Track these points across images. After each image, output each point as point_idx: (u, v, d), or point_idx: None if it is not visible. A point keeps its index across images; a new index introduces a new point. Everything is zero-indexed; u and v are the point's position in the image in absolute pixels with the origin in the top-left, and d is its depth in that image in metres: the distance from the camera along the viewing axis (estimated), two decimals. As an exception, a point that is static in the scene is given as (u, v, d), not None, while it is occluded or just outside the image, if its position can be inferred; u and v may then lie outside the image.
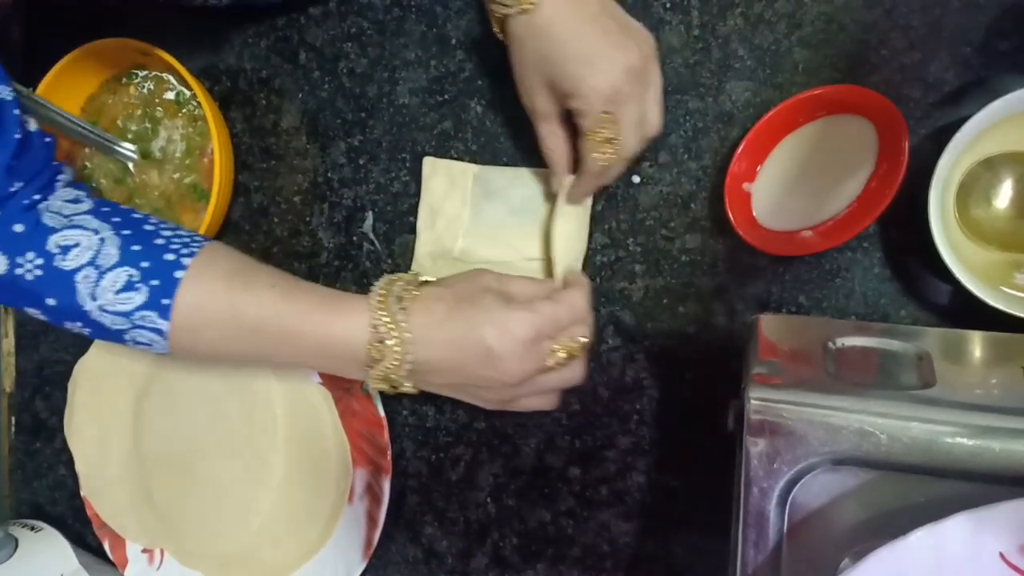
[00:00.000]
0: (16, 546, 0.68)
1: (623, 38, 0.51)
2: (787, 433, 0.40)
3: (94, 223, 0.50)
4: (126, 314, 0.49)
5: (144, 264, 0.49)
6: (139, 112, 0.69)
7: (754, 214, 0.57)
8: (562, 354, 0.53)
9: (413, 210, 0.65)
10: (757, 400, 0.41)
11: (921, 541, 0.35)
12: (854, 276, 0.56)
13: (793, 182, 0.56)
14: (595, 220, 0.61)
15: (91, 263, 0.49)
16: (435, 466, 0.66)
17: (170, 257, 0.50)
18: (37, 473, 0.78)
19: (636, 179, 0.60)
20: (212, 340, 0.51)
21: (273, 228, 0.69)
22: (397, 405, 0.66)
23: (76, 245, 0.49)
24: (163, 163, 0.69)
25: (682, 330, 0.60)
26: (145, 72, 0.69)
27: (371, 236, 0.67)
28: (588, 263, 0.62)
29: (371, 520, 0.64)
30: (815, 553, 0.40)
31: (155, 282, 0.49)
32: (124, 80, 0.70)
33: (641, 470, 0.61)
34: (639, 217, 0.60)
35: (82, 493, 0.72)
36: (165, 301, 0.49)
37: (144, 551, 0.71)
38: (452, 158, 0.64)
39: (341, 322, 0.51)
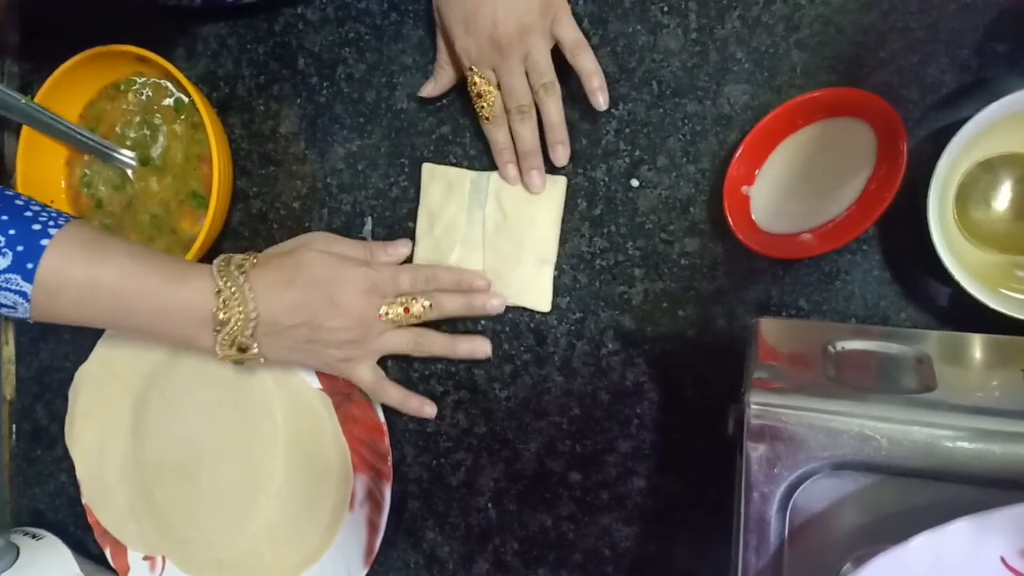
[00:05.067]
0: (17, 554, 0.68)
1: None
2: (787, 438, 0.40)
3: None
4: None
5: (11, 232, 0.53)
6: (138, 119, 0.69)
7: (753, 217, 0.57)
8: (394, 311, 0.59)
9: (412, 215, 0.65)
10: (757, 405, 0.41)
11: (922, 546, 0.35)
12: (854, 279, 0.56)
13: (792, 185, 0.56)
14: (594, 224, 0.61)
15: None
16: (436, 472, 0.66)
17: (37, 227, 0.53)
18: (38, 480, 0.78)
19: (635, 183, 0.60)
20: (70, 303, 0.54)
21: (272, 234, 0.69)
22: (398, 411, 0.66)
23: None
24: (162, 170, 0.69)
25: (682, 334, 0.60)
26: (144, 79, 0.69)
27: (370, 241, 0.67)
28: (588, 267, 0.62)
29: (372, 526, 0.64)
30: (816, 558, 0.40)
31: (20, 248, 0.52)
32: (122, 87, 0.70)
33: (642, 474, 0.61)
34: (638, 221, 0.60)
35: (83, 500, 0.72)
36: (29, 265, 0.52)
37: (145, 558, 0.71)
38: (450, 163, 0.64)
39: (188, 287, 0.56)
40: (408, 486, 0.66)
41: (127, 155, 0.69)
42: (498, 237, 0.63)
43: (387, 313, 0.59)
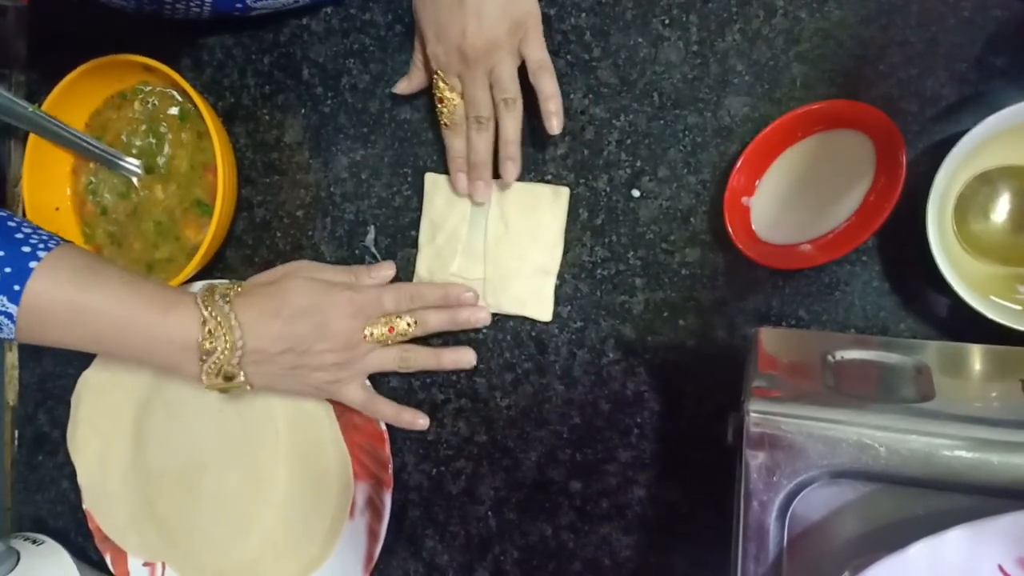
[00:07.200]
0: (18, 560, 0.68)
1: (474, 13, 0.55)
2: (786, 446, 0.40)
3: None
4: None
5: (0, 253, 0.53)
6: (143, 127, 0.70)
7: (753, 228, 0.58)
8: (378, 331, 0.60)
9: (414, 224, 0.66)
10: (756, 413, 0.41)
11: (920, 554, 0.35)
12: (853, 290, 0.56)
13: (792, 196, 0.57)
14: (595, 234, 0.62)
15: None
16: (436, 480, 0.66)
17: (26, 249, 0.54)
18: (39, 486, 0.78)
19: (636, 193, 0.61)
20: (55, 327, 0.55)
21: (276, 242, 0.70)
22: (398, 419, 0.66)
23: None
24: (167, 178, 0.70)
25: (682, 343, 0.60)
26: (149, 88, 0.70)
27: (373, 250, 0.67)
28: (589, 276, 0.62)
29: (372, 534, 0.64)
30: (815, 566, 0.40)
31: (8, 269, 0.52)
32: (128, 96, 0.70)
33: (642, 483, 0.61)
34: (639, 231, 0.61)
35: (84, 506, 0.72)
36: (16, 287, 0.52)
37: (145, 565, 0.71)
38: (453, 173, 0.65)
39: (173, 318, 0.56)
40: (408, 494, 0.67)
41: (132, 163, 0.70)
42: (500, 247, 0.63)
43: (371, 333, 0.60)
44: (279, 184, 0.70)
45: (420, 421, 0.64)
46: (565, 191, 0.62)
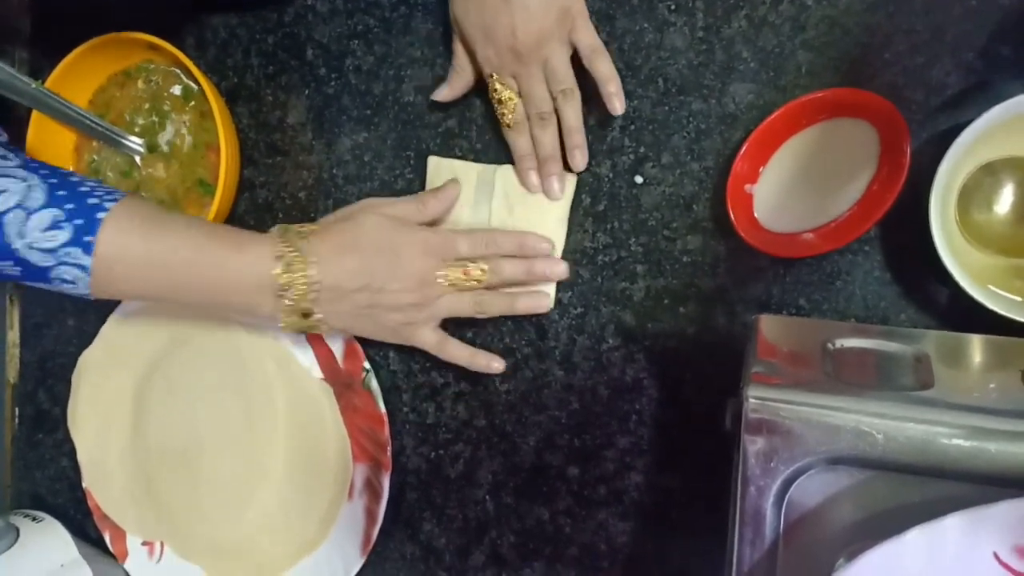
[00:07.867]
0: (17, 536, 0.68)
1: (521, 9, 0.55)
2: (784, 432, 0.40)
3: (22, 173, 0.53)
4: (52, 251, 0.52)
5: (69, 206, 0.52)
6: (147, 106, 0.70)
7: (756, 215, 0.58)
8: (454, 274, 0.59)
9: (417, 207, 0.66)
10: (755, 399, 0.41)
11: (916, 540, 0.35)
12: (855, 279, 0.56)
13: (795, 184, 0.57)
14: (597, 220, 0.62)
15: (19, 205, 0.52)
16: (434, 463, 0.66)
17: (93, 201, 0.53)
18: (39, 464, 0.78)
19: (639, 179, 0.61)
20: (130, 276, 0.54)
21: (277, 223, 0.69)
22: (398, 402, 0.66)
23: (5, 191, 0.52)
24: (170, 157, 0.70)
25: (682, 331, 0.60)
26: (153, 66, 0.70)
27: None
28: (591, 262, 0.62)
29: (370, 516, 0.64)
30: (811, 552, 0.40)
31: (79, 221, 0.52)
32: (132, 74, 0.70)
33: (640, 470, 0.61)
34: (641, 217, 0.61)
35: (84, 485, 0.72)
36: (88, 238, 0.52)
37: (144, 543, 0.71)
38: (456, 156, 0.65)
39: (249, 253, 0.55)
40: (407, 477, 0.67)
41: (135, 142, 0.70)
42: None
43: (447, 276, 0.59)
44: (281, 165, 0.69)
45: (495, 364, 0.63)
46: (571, 176, 0.62)
